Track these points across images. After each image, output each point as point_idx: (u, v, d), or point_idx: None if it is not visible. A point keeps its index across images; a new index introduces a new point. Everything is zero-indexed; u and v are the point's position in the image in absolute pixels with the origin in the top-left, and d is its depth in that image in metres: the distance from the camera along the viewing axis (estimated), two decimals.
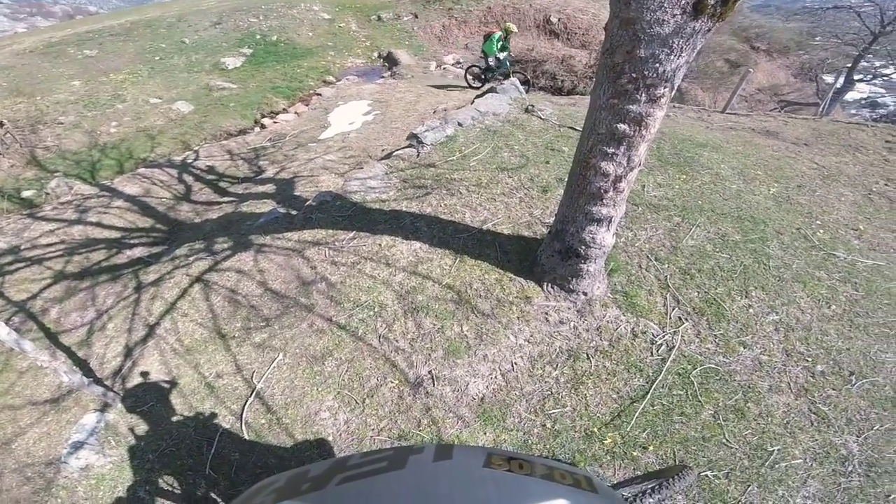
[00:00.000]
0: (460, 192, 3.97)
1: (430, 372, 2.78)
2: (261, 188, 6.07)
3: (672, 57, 1.90)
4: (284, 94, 11.33)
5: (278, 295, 3.36)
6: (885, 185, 4.81)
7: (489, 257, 3.37)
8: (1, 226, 5.94)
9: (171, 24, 15.27)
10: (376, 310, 3.12)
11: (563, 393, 2.68)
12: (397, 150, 5.01)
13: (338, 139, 7.71)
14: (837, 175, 4.91)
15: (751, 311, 3.11)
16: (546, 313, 3.07)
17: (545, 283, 3.17)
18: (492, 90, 6.00)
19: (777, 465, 2.44)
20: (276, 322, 3.18)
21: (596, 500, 0.65)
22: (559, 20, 15.35)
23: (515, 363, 2.83)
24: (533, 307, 3.08)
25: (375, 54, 14.18)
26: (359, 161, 6.34)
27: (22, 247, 5.31)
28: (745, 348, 2.90)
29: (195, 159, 7.83)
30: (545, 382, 2.73)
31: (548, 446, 2.48)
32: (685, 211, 3.87)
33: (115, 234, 5.50)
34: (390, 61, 13.29)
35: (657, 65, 1.93)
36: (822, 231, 3.86)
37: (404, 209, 3.83)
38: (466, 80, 10.85)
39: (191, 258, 3.94)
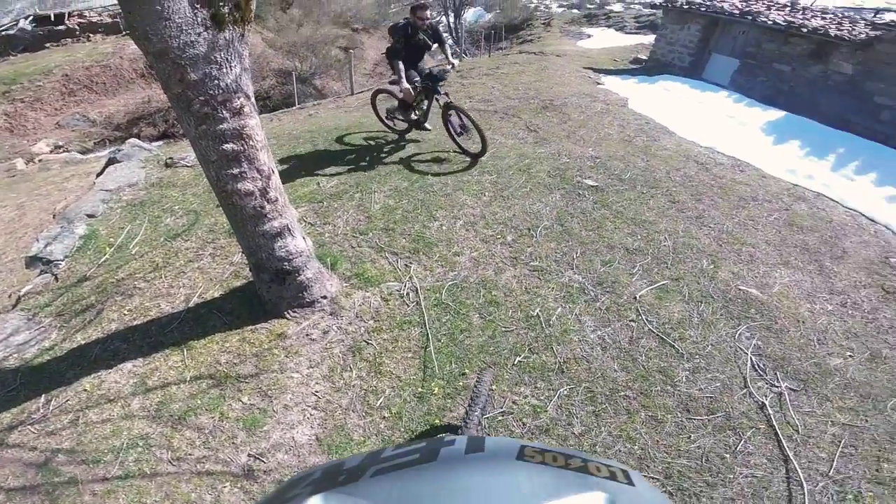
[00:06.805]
0: (139, 288, 3.30)
1: (249, 455, 2.39)
2: None
3: (225, 70, 1.94)
4: None
5: (24, 492, 2.18)
6: None
7: (216, 327, 3.00)
8: None
9: None
10: (142, 443, 2.42)
11: (374, 383, 2.73)
12: (26, 286, 3.71)
13: None
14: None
15: (444, 227, 3.84)
16: (307, 335, 3.01)
17: (286, 312, 3.07)
18: (112, 161, 5.04)
19: (552, 322, 3.02)
20: None
21: (633, 492, 0.64)
22: (147, 65, 14.11)
23: (316, 392, 2.70)
24: (293, 339, 2.96)
25: None
26: None
27: None
28: (459, 257, 3.56)
29: None
30: (353, 387, 2.71)
31: (404, 429, 2.48)
32: (360, 186, 4.37)
33: None
34: None
35: (217, 81, 1.94)
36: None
37: (84, 342, 2.96)
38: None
39: None
